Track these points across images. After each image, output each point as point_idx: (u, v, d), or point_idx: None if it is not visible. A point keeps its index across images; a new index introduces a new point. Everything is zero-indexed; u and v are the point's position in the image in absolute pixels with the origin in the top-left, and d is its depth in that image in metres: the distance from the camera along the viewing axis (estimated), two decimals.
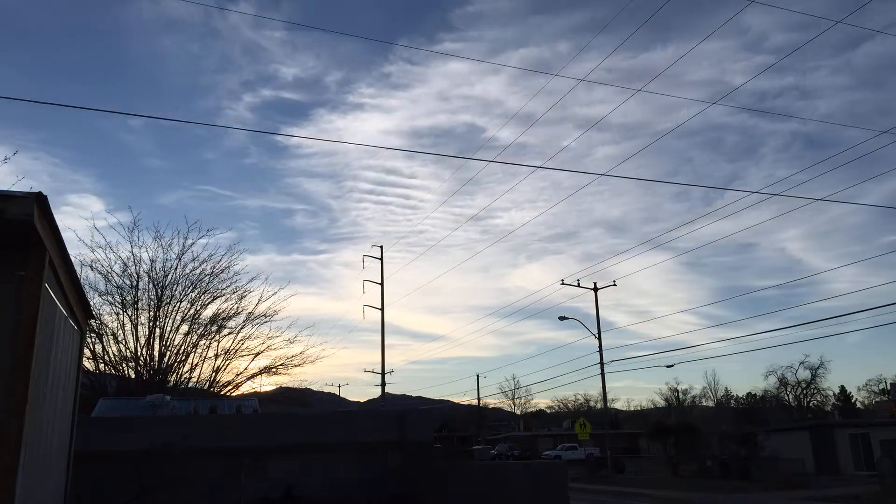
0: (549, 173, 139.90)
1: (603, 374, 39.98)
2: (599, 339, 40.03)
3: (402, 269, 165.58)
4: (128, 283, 28.22)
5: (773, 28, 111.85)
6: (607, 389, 42.74)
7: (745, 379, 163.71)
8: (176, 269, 29.20)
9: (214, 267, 29.83)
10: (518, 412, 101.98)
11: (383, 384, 43.43)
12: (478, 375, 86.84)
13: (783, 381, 78.61)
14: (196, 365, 29.83)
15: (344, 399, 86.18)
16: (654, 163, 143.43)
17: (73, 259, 7.36)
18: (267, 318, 30.97)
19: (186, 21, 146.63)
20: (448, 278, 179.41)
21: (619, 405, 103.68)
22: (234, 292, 30.35)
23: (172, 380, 29.26)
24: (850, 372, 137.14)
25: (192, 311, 29.43)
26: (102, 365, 28.11)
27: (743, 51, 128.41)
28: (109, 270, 27.82)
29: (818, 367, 75.13)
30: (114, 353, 28.04)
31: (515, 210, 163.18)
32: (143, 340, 28.31)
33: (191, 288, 29.52)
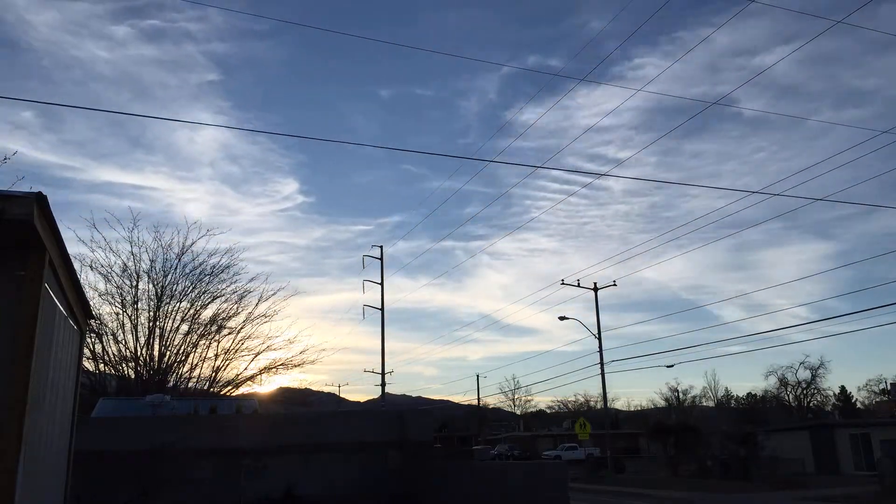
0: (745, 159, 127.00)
1: (603, 374, 39.97)
2: (599, 338, 40.03)
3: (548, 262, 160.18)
4: (128, 282, 28.22)
5: None
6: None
7: (750, 379, 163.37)
8: (176, 268, 29.21)
9: (214, 267, 29.82)
10: (518, 412, 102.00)
11: (383, 384, 43.43)
12: (478, 375, 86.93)
13: (783, 381, 78.71)
14: (196, 365, 29.82)
15: (344, 399, 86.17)
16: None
17: (72, 259, 7.36)
18: (267, 319, 30.95)
19: None
20: (585, 271, 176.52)
21: (619, 405, 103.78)
22: (234, 292, 30.34)
23: (172, 380, 29.24)
24: (850, 372, 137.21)
25: (191, 311, 29.43)
26: (102, 365, 28.09)
27: None
28: (109, 270, 27.82)
29: (818, 367, 75.25)
30: (114, 353, 28.03)
31: (701, 198, 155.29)
32: (142, 340, 28.31)
33: (190, 288, 29.53)
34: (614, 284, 41.38)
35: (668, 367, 40.09)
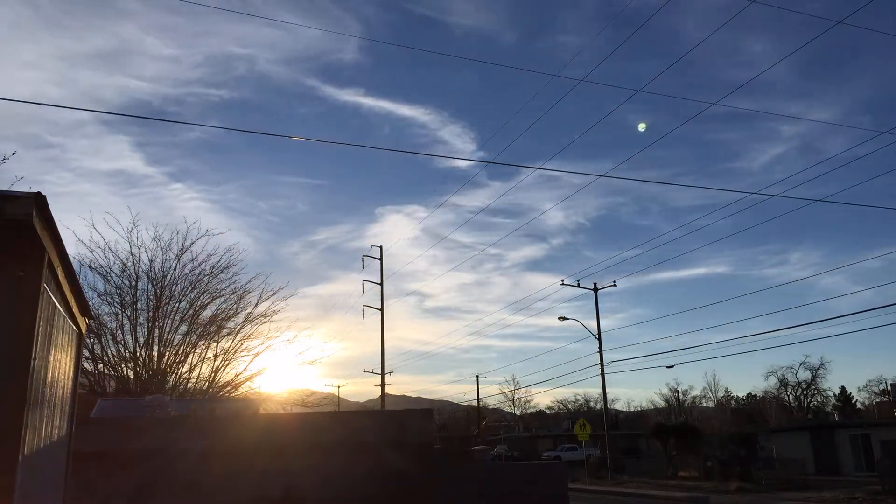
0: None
1: (603, 374, 39.96)
2: (599, 339, 40.02)
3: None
4: (127, 283, 28.14)
5: None
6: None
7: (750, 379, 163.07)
8: (175, 269, 29.14)
9: (214, 267, 29.74)
10: (518, 413, 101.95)
11: (383, 384, 43.41)
12: (477, 376, 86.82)
13: (783, 382, 78.78)
14: (195, 365, 29.73)
15: (343, 399, 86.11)
16: None
17: (71, 259, 7.33)
18: (266, 319, 30.87)
19: None
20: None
21: (619, 406, 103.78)
22: (233, 292, 30.24)
23: (171, 380, 29.18)
24: (851, 372, 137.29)
25: (191, 312, 29.36)
26: (101, 365, 28.02)
27: None
28: (108, 270, 27.75)
29: (818, 368, 75.32)
30: (113, 354, 27.96)
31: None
32: (142, 341, 28.24)
33: (190, 288, 29.44)
34: (614, 285, 41.41)
35: (668, 367, 40.11)
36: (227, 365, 30.65)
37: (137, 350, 28.16)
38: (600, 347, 39.90)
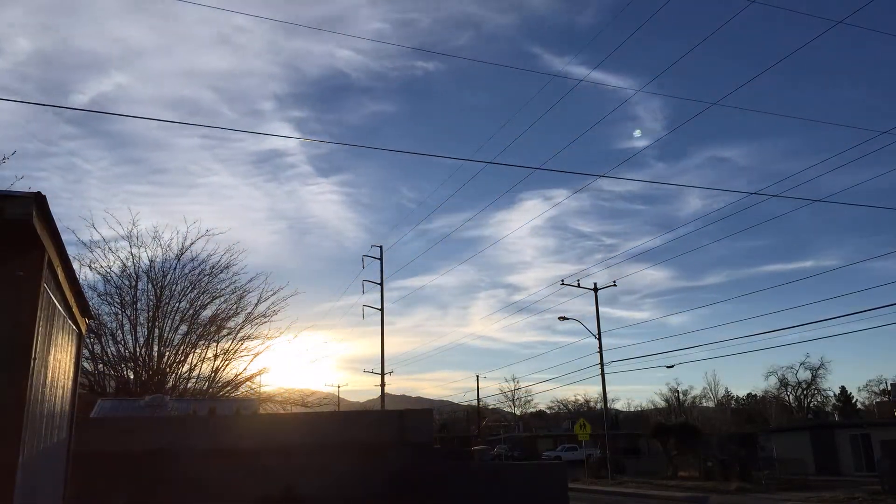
0: None
1: (603, 374, 39.96)
2: (599, 339, 40.02)
3: None
4: (127, 283, 28.16)
5: None
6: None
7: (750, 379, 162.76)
8: (175, 268, 29.16)
9: (213, 267, 29.75)
10: (518, 413, 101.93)
11: (383, 385, 43.40)
12: (478, 376, 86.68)
13: (784, 382, 78.76)
14: (195, 365, 29.76)
15: (343, 399, 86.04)
16: None
17: (71, 259, 7.33)
18: (266, 319, 30.89)
19: None
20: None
21: (619, 406, 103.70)
22: (233, 292, 30.26)
23: (171, 380, 29.19)
24: (851, 372, 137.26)
25: (191, 312, 29.38)
26: (101, 365, 28.05)
27: None
28: (108, 270, 27.76)
29: (819, 368, 75.30)
30: (112, 354, 27.98)
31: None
32: (141, 341, 28.26)
33: (190, 288, 29.46)
34: (614, 284, 41.40)
35: (668, 367, 40.10)
36: (227, 365, 30.70)
37: (137, 350, 28.17)
38: (600, 347, 39.91)
